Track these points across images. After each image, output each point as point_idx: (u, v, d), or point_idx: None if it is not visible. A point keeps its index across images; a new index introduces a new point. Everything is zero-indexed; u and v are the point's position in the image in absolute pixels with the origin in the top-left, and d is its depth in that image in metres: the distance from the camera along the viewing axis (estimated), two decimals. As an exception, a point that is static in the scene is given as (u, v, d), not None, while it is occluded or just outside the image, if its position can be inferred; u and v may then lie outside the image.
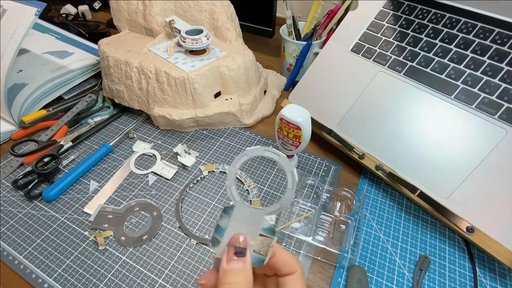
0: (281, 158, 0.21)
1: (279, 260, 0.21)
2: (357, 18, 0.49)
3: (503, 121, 0.35)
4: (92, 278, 0.35)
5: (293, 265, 0.21)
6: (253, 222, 0.20)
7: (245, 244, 0.19)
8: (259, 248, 0.20)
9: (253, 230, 0.20)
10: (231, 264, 0.19)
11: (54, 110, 0.54)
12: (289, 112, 0.39)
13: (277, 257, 0.21)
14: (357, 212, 0.40)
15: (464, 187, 0.36)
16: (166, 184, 0.45)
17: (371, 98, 0.44)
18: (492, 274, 0.36)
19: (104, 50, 0.51)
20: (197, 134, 0.53)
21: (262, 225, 0.20)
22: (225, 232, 0.20)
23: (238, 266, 0.19)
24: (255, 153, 0.22)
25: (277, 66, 0.71)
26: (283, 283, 0.21)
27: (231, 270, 0.19)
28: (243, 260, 0.19)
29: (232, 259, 0.19)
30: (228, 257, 0.19)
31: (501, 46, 0.37)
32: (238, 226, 0.20)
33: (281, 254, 0.21)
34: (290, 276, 0.21)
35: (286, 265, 0.21)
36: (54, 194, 0.42)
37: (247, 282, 0.18)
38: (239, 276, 0.18)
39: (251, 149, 0.22)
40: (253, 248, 0.20)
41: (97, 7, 0.93)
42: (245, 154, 0.22)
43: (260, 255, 0.20)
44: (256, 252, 0.20)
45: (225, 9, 0.53)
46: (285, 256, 0.21)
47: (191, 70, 0.47)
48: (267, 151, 0.22)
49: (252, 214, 0.21)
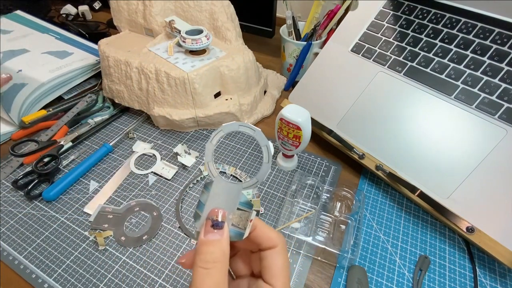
0: (256, 132, 0.22)
1: (259, 234, 0.21)
2: (357, 18, 0.49)
3: (503, 121, 0.35)
4: (92, 278, 0.35)
5: (274, 239, 0.21)
6: (231, 197, 0.21)
7: (223, 218, 0.20)
8: (238, 222, 0.20)
9: (231, 204, 0.21)
10: (208, 236, 0.19)
11: (54, 110, 0.54)
12: (289, 112, 0.39)
13: (258, 232, 0.21)
14: (357, 212, 0.40)
15: (464, 187, 0.36)
16: (166, 184, 0.45)
17: (371, 98, 0.44)
18: (492, 274, 0.36)
19: (104, 50, 0.51)
20: (197, 134, 0.53)
21: (239, 199, 0.21)
22: (204, 207, 0.21)
23: (215, 237, 0.19)
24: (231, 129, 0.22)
25: (277, 66, 0.71)
26: (264, 257, 0.21)
27: (207, 242, 0.19)
28: (220, 232, 0.19)
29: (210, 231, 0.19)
30: (206, 229, 0.20)
31: (501, 46, 0.37)
32: (217, 201, 0.21)
33: (262, 228, 0.21)
34: (272, 250, 0.21)
35: (268, 239, 0.21)
36: (54, 194, 0.42)
37: (222, 253, 0.19)
38: (214, 247, 0.19)
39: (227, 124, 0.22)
40: (231, 222, 0.20)
41: (97, 7, 0.93)
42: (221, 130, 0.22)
43: (239, 229, 0.20)
44: (235, 225, 0.20)
45: (225, 9, 0.53)
46: (267, 231, 0.22)
47: (191, 70, 0.47)
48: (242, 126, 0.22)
49: (230, 189, 0.21)
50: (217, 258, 0.19)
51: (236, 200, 0.21)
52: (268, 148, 0.22)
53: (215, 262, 0.18)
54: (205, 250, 0.19)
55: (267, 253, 0.21)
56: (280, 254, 0.21)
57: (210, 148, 0.22)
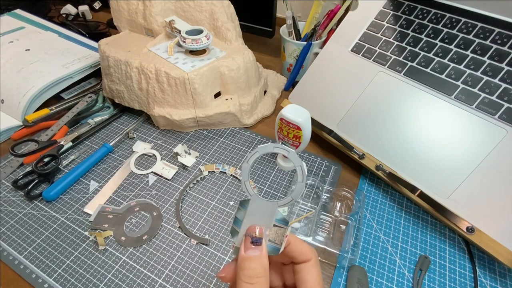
0: (291, 153, 0.23)
1: (294, 249, 0.22)
2: (357, 18, 0.49)
3: (503, 121, 0.35)
4: (92, 278, 0.35)
5: (307, 253, 0.22)
6: (267, 214, 0.22)
7: (260, 234, 0.21)
8: (274, 237, 0.22)
9: (267, 221, 0.22)
10: (248, 252, 0.21)
11: (57, 109, 0.54)
12: (289, 112, 0.39)
13: (292, 246, 0.22)
14: (357, 212, 0.40)
15: (464, 187, 0.36)
16: (166, 184, 0.45)
17: (371, 98, 0.44)
18: (492, 274, 0.36)
19: (104, 50, 0.51)
20: (197, 134, 0.53)
21: (275, 216, 0.22)
22: (242, 224, 0.22)
23: (255, 253, 0.20)
24: (266, 150, 0.23)
25: (277, 66, 0.71)
26: (299, 270, 0.22)
27: (248, 258, 0.20)
28: (259, 248, 0.21)
29: (249, 247, 0.21)
30: (246, 246, 0.21)
31: (501, 46, 0.37)
32: (254, 218, 0.22)
33: (296, 243, 0.22)
34: (306, 263, 0.22)
35: (301, 253, 0.22)
36: (54, 194, 0.42)
37: (263, 268, 0.20)
38: (256, 263, 0.20)
39: (262, 146, 0.23)
40: (268, 237, 0.21)
41: (97, 7, 0.93)
42: (256, 151, 0.23)
43: (275, 244, 0.21)
44: (271, 241, 0.21)
45: (225, 9, 0.53)
46: (300, 245, 0.22)
47: (191, 70, 0.47)
48: (277, 147, 0.23)
49: (266, 206, 0.22)
50: (260, 273, 0.20)
51: (272, 217, 0.22)
52: (302, 168, 0.23)
53: (258, 277, 0.20)
54: (248, 266, 0.20)
55: (301, 266, 0.22)
56: (314, 268, 0.22)
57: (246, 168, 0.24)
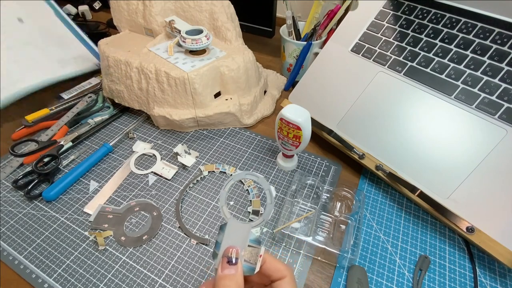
0: (260, 178, 0.26)
1: (269, 267, 0.24)
2: (357, 18, 0.49)
3: (503, 121, 0.35)
4: (92, 278, 0.35)
5: (283, 271, 0.24)
6: (242, 236, 0.24)
7: (236, 254, 0.23)
8: (249, 257, 0.23)
9: (242, 242, 0.24)
10: (224, 271, 0.22)
11: (57, 109, 0.54)
12: (289, 112, 0.39)
13: (268, 265, 0.24)
14: (357, 212, 0.40)
15: (464, 187, 0.36)
16: (166, 184, 0.45)
17: (371, 98, 0.44)
18: (492, 274, 0.36)
19: (104, 50, 0.51)
20: (197, 134, 0.53)
21: (249, 237, 0.24)
22: (221, 246, 0.24)
23: (230, 272, 0.22)
24: (239, 177, 0.27)
25: (277, 66, 0.71)
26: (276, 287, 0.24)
27: (224, 276, 0.22)
28: (235, 267, 0.22)
29: (226, 267, 0.22)
30: (222, 266, 0.23)
31: (501, 46, 0.37)
32: (230, 240, 0.24)
33: (271, 261, 0.24)
34: (281, 280, 0.24)
35: (277, 271, 0.24)
36: (54, 194, 0.42)
37: (238, 285, 0.22)
38: (230, 281, 0.22)
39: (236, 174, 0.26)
40: (244, 258, 0.23)
41: (97, 7, 0.93)
42: (231, 179, 0.27)
43: (250, 264, 0.23)
44: (247, 261, 0.23)
45: (225, 9, 0.53)
46: (275, 263, 0.24)
47: (191, 70, 0.47)
48: (248, 174, 0.27)
49: (240, 228, 0.24)
50: None
51: (246, 238, 0.24)
52: (270, 192, 0.26)
53: None
54: (223, 284, 0.22)
55: (277, 284, 0.23)
56: (289, 284, 0.23)
57: (223, 195, 0.26)
